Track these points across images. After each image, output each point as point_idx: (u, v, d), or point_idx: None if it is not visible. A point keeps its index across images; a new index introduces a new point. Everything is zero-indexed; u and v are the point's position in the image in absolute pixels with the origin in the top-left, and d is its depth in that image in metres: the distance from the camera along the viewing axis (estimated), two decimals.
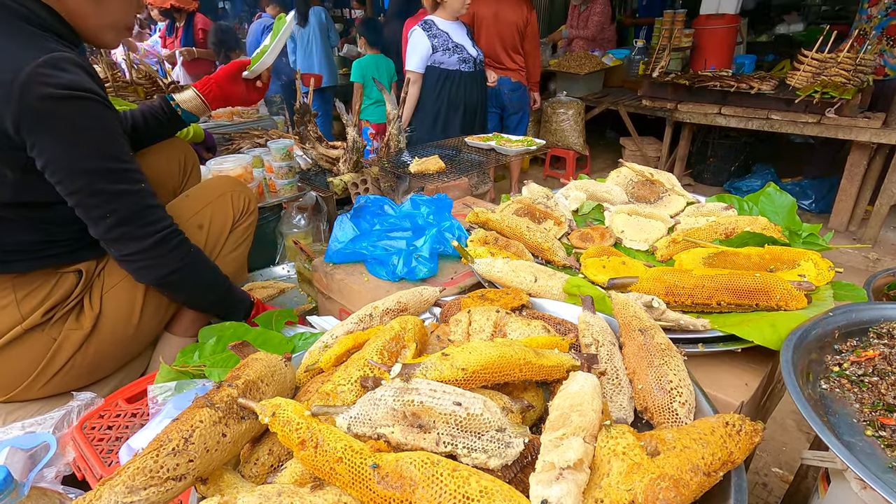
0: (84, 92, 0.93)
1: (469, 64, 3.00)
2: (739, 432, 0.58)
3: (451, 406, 0.58)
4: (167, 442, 0.58)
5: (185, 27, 4.39)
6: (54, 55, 0.90)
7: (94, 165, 0.97)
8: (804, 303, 0.98)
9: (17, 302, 1.06)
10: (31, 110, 0.88)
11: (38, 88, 0.87)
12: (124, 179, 1.01)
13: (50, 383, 1.13)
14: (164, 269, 1.11)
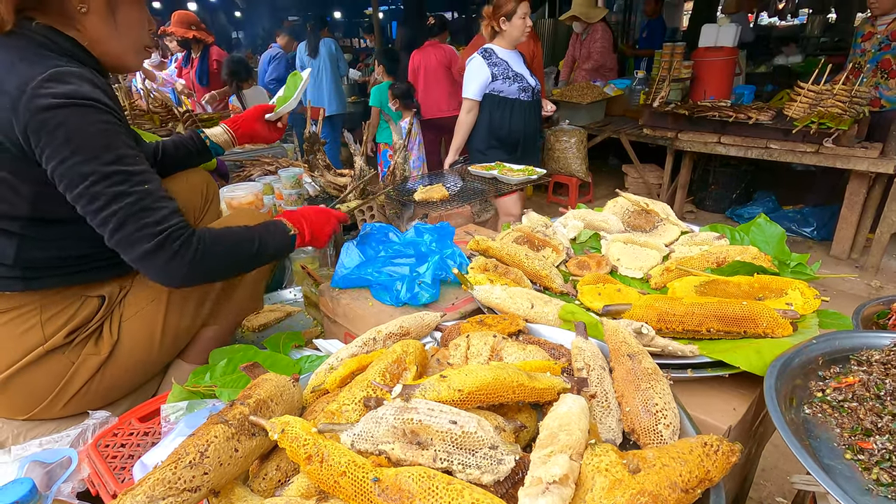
0: (83, 99, 0.96)
1: (528, 93, 2.96)
2: (717, 452, 0.62)
3: (447, 424, 0.63)
4: (185, 455, 0.63)
5: (200, 58, 4.57)
6: (59, 69, 0.95)
7: (91, 169, 0.97)
8: (790, 330, 1.02)
9: (41, 324, 1.12)
10: (34, 120, 0.93)
11: (39, 100, 0.92)
12: (123, 182, 1.00)
13: (68, 405, 1.18)
14: (177, 270, 1.05)
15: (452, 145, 3.08)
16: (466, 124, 2.99)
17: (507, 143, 3.00)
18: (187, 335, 1.35)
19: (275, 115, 1.59)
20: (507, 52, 2.92)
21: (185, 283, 1.11)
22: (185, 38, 4.38)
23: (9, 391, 1.12)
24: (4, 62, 0.96)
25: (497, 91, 2.91)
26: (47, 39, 1.01)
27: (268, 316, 1.93)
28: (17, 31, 0.99)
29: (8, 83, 0.93)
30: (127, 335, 1.22)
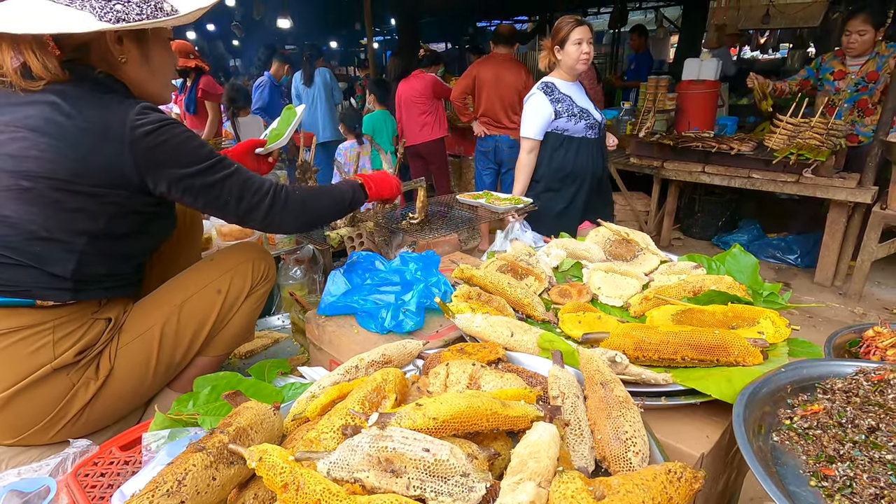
0: (167, 121, 1.14)
1: (595, 130, 2.64)
2: (680, 479, 0.64)
3: (420, 452, 0.65)
4: (162, 483, 0.64)
5: (191, 85, 4.66)
6: (139, 105, 1.13)
7: (200, 167, 1.17)
8: (760, 359, 1.05)
9: (53, 343, 1.15)
10: (141, 146, 1.10)
11: (141, 129, 1.09)
12: (222, 167, 1.21)
13: (62, 430, 1.19)
14: (293, 215, 1.32)
15: (515, 188, 2.74)
16: (528, 166, 2.68)
17: (571, 184, 2.68)
18: (180, 365, 1.37)
19: (265, 150, 1.67)
20: (569, 85, 2.61)
21: (301, 227, 1.43)
22: (187, 67, 4.47)
23: (8, 410, 1.13)
24: (98, 103, 1.10)
25: (561, 129, 2.60)
26: (110, 84, 1.16)
27: (255, 343, 1.94)
28: (89, 78, 1.13)
29: (112, 120, 1.09)
30: (123, 361, 1.24)
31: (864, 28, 3.44)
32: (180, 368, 1.36)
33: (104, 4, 1.07)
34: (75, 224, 1.12)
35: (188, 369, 1.39)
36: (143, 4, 1.11)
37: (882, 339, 1.31)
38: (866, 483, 0.73)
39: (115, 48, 1.15)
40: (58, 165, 1.07)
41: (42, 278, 1.13)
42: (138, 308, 1.32)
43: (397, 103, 4.67)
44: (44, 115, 1.07)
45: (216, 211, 1.26)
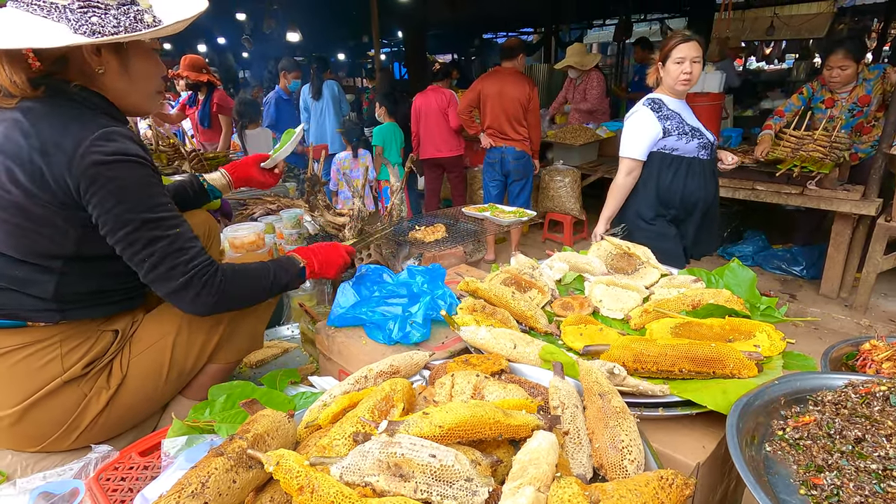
0: (128, 156, 1.10)
1: (708, 150, 2.35)
2: (671, 485, 0.68)
3: (427, 458, 0.69)
4: (187, 485, 0.69)
5: (204, 101, 4.77)
6: (106, 129, 1.09)
7: (133, 217, 1.11)
8: (755, 371, 1.09)
9: (61, 356, 1.19)
10: (86, 174, 1.05)
11: (92, 156, 1.05)
12: (158, 227, 1.14)
13: (79, 437, 1.23)
14: (205, 302, 1.21)
15: (604, 212, 2.50)
16: (624, 188, 2.41)
17: (680, 210, 2.38)
18: (192, 372, 1.42)
19: (270, 162, 1.75)
20: (677, 103, 2.37)
21: (211, 312, 1.26)
22: (198, 82, 4.59)
23: (25, 422, 1.18)
24: (58, 123, 1.07)
25: (669, 149, 2.32)
26: (86, 99, 1.14)
27: (265, 352, 1.99)
28: (62, 92, 1.11)
29: (65, 142, 1.05)
30: (135, 371, 1.28)
31: (845, 63, 3.54)
32: (192, 375, 1.41)
33: (80, 16, 1.04)
34: (44, 247, 1.12)
35: (200, 376, 1.43)
36: (121, 16, 1.08)
37: (878, 352, 1.34)
38: (852, 491, 0.76)
39: (91, 59, 1.12)
40: (12, 185, 1.06)
41: (25, 301, 1.15)
42: (150, 318, 1.36)
43: (414, 116, 4.78)
44: (6, 132, 1.07)
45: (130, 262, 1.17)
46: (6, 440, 1.22)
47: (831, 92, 3.75)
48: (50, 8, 1.04)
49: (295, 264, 1.44)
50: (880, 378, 0.94)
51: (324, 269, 1.50)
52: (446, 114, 4.64)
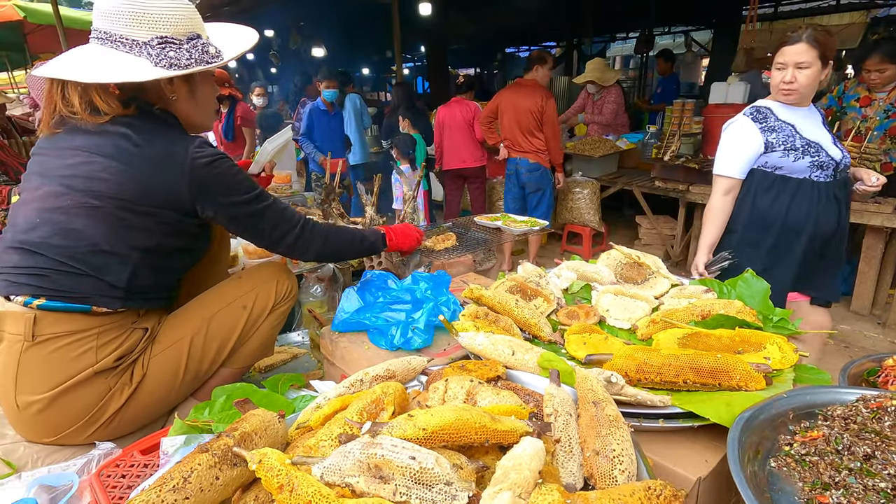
0: (220, 156, 1.30)
1: (828, 171, 1.92)
2: (659, 496, 0.65)
3: (407, 460, 0.68)
4: (169, 480, 0.69)
5: (227, 113, 4.91)
6: (198, 139, 1.30)
7: (244, 198, 1.34)
8: (762, 384, 1.04)
9: (96, 348, 1.25)
10: (198, 177, 1.25)
11: (198, 161, 1.25)
12: (262, 199, 1.38)
13: (94, 433, 1.28)
14: (315, 246, 1.49)
15: (703, 240, 2.09)
16: (722, 212, 2.03)
17: (779, 239, 1.98)
18: (206, 375, 1.46)
19: (255, 167, 1.93)
20: (794, 111, 1.95)
21: (319, 257, 1.62)
22: (221, 96, 4.73)
23: (52, 409, 1.23)
24: (164, 136, 1.26)
25: (771, 167, 1.96)
26: (165, 118, 1.31)
27: (274, 357, 2.01)
28: (150, 113, 1.28)
29: (175, 150, 1.24)
30: (155, 369, 1.33)
31: (882, 66, 3.42)
32: (205, 378, 1.44)
33: (159, 52, 1.21)
34: (133, 240, 1.26)
35: (212, 380, 1.46)
36: (192, 50, 1.25)
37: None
38: None
39: (166, 88, 1.30)
40: (125, 188, 1.21)
41: (100, 286, 1.24)
42: (171, 319, 1.42)
43: (437, 128, 4.85)
44: (116, 143, 1.22)
45: (251, 236, 1.42)
46: (30, 428, 1.27)
47: (869, 90, 3.62)
48: (132, 45, 1.21)
49: (378, 233, 1.73)
50: (893, 392, 0.88)
51: (401, 241, 1.79)
52: (471, 125, 4.68)
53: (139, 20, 1.21)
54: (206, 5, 7.22)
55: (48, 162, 1.26)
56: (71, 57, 1.24)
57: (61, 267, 1.22)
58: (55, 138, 1.28)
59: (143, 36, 1.22)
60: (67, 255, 1.21)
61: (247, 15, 8.40)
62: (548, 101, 3.95)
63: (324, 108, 5.13)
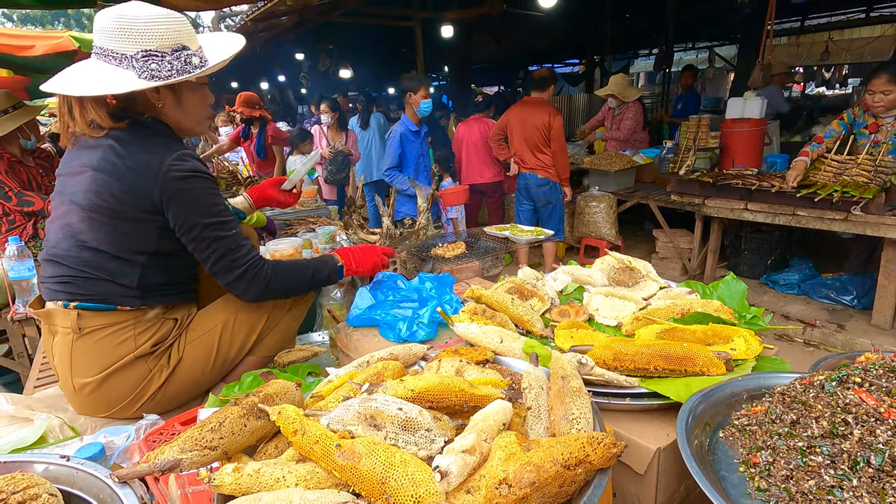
0: (197, 173, 1.38)
1: None
2: (600, 443, 0.79)
3: (395, 410, 0.84)
4: (208, 423, 0.87)
5: (259, 133, 5.24)
6: (179, 152, 1.37)
7: (202, 220, 1.39)
8: (723, 370, 1.16)
9: (134, 336, 1.45)
10: (167, 187, 1.33)
11: (172, 173, 1.33)
12: (221, 229, 1.42)
13: (141, 407, 1.48)
14: (255, 289, 1.49)
15: None
16: None
17: None
18: (234, 362, 1.65)
19: (288, 184, 2.01)
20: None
21: (258, 299, 1.56)
22: (252, 117, 5.06)
23: (102, 389, 1.44)
24: (144, 147, 1.36)
25: None
26: (157, 127, 1.42)
27: (296, 354, 2.19)
28: (140, 123, 1.40)
29: (152, 161, 1.33)
30: (189, 354, 1.53)
31: (888, 88, 3.43)
32: (233, 365, 1.63)
33: (143, 64, 1.29)
34: (133, 244, 1.39)
35: (239, 367, 1.66)
36: (174, 62, 1.32)
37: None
38: (781, 466, 0.84)
39: (153, 97, 1.39)
40: (112, 197, 1.32)
41: (117, 289, 1.41)
42: (204, 312, 1.62)
43: (456, 144, 5.08)
44: (104, 156, 1.34)
45: (198, 257, 1.46)
46: (85, 405, 1.48)
47: (874, 117, 3.66)
48: (120, 58, 1.30)
49: (334, 262, 1.71)
50: (822, 372, 1.00)
51: (360, 266, 1.75)
52: (489, 142, 4.88)
53: (126, 35, 1.29)
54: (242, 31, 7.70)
55: (64, 181, 1.42)
56: (70, 72, 1.35)
57: (82, 274, 1.39)
58: (69, 156, 1.42)
59: (129, 49, 1.29)
60: (85, 264, 1.38)
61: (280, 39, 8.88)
62: (555, 118, 4.11)
63: (414, 127, 4.08)
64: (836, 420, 0.84)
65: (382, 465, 0.75)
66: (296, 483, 0.79)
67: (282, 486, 0.78)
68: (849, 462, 0.78)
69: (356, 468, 0.77)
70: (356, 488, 0.77)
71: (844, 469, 0.78)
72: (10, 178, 3.00)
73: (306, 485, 0.79)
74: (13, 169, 3.05)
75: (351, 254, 1.75)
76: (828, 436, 0.83)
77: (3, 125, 2.96)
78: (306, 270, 1.64)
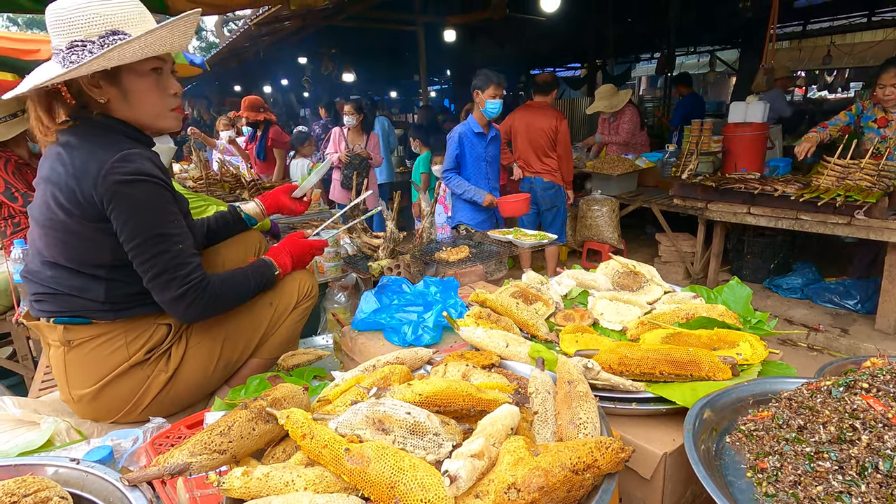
0: (143, 175, 1.25)
1: None
2: (608, 448, 0.79)
3: (403, 415, 0.85)
4: (217, 427, 0.88)
5: (261, 135, 5.28)
6: (125, 152, 1.25)
7: (143, 231, 1.26)
8: (728, 374, 1.16)
9: (126, 345, 1.42)
10: (108, 191, 1.22)
11: (112, 176, 1.22)
12: (163, 243, 1.29)
13: (144, 411, 1.48)
14: (192, 314, 1.38)
15: None
16: None
17: None
18: (237, 364, 1.65)
19: (299, 191, 1.99)
20: None
21: (195, 321, 1.47)
22: (257, 120, 5.10)
23: (101, 398, 1.44)
24: (87, 151, 1.26)
25: None
26: (109, 126, 1.32)
27: (300, 357, 2.19)
28: (90, 124, 1.31)
29: (91, 165, 1.24)
30: (191, 358, 1.52)
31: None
32: (237, 367, 1.64)
33: (67, 55, 1.20)
34: (88, 258, 1.31)
35: (242, 369, 1.66)
36: (95, 49, 1.19)
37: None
38: (789, 472, 0.84)
39: (93, 92, 1.26)
40: (57, 208, 1.25)
41: (87, 304, 1.36)
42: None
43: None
44: (52, 165, 1.28)
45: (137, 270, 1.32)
46: (87, 413, 1.49)
47: (884, 111, 3.65)
48: (58, 52, 1.23)
49: (266, 268, 1.61)
50: (829, 377, 1.00)
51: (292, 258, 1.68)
52: None
53: (59, 27, 1.21)
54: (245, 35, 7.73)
55: (35, 196, 1.35)
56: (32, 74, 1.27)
57: (51, 291, 1.35)
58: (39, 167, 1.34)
59: (62, 42, 1.21)
60: (51, 280, 1.34)
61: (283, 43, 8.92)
62: (561, 122, 4.13)
63: (479, 129, 3.58)
64: (844, 426, 0.84)
65: (392, 469, 0.76)
66: (305, 487, 0.79)
67: (291, 489, 0.79)
68: (857, 468, 0.78)
69: (365, 472, 0.77)
70: (365, 492, 0.78)
71: (853, 475, 0.78)
72: (18, 179, 3.02)
73: (315, 489, 0.79)
74: (20, 171, 3.07)
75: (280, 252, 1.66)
76: (836, 441, 0.83)
77: (12, 128, 2.98)
78: (243, 284, 1.52)
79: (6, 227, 3.12)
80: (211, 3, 3.50)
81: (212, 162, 5.28)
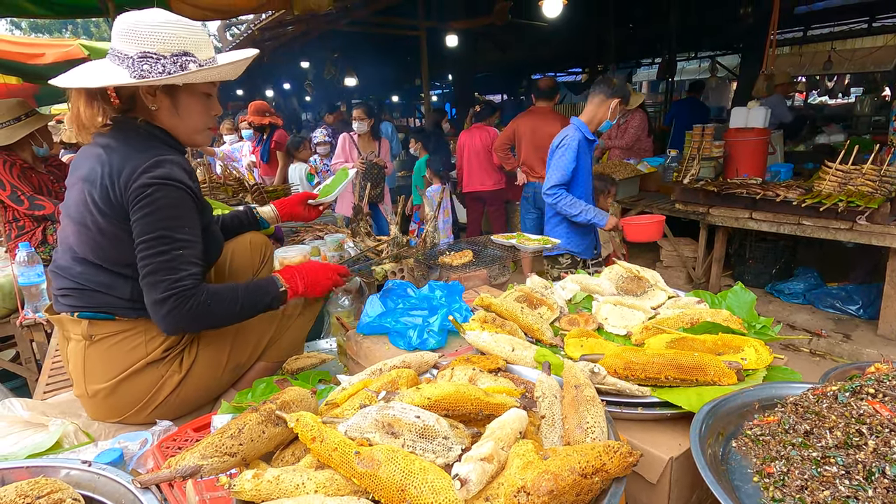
0: (170, 180, 1.30)
1: None
2: (616, 452, 0.80)
3: (413, 418, 0.85)
4: (227, 430, 0.88)
5: (266, 138, 5.33)
6: (158, 158, 1.31)
7: (148, 230, 1.29)
8: (734, 379, 1.17)
9: (145, 342, 1.45)
10: (133, 192, 1.28)
11: (141, 178, 1.28)
12: (164, 244, 1.30)
13: (153, 412, 1.49)
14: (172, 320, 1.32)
15: None
16: None
17: None
18: (245, 366, 1.67)
19: (316, 201, 1.99)
20: None
21: (176, 333, 1.43)
22: (262, 124, 5.13)
23: (116, 394, 1.45)
24: (124, 154, 1.32)
25: None
26: (149, 132, 1.40)
27: (304, 361, 2.19)
28: (131, 128, 1.38)
29: (126, 168, 1.30)
30: (202, 359, 1.53)
31: None
32: (244, 370, 1.65)
33: (137, 64, 1.28)
34: (117, 256, 1.35)
35: (250, 372, 1.67)
36: (168, 65, 1.29)
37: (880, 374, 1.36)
38: (796, 476, 0.85)
39: (147, 99, 1.36)
40: (93, 207, 1.31)
41: (112, 301, 1.40)
42: None
43: (458, 152, 5.13)
44: (92, 165, 1.33)
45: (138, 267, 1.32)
46: (99, 410, 1.50)
47: None
48: (123, 57, 1.30)
49: (276, 288, 1.52)
50: (834, 382, 1.01)
51: (310, 289, 1.59)
52: (490, 150, 4.90)
53: (131, 36, 1.30)
54: (248, 40, 7.78)
55: (67, 193, 1.41)
56: (80, 68, 1.35)
57: (80, 286, 1.40)
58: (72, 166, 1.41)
59: (131, 50, 1.29)
60: (80, 276, 1.39)
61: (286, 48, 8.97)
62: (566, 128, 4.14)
63: (591, 136, 3.03)
64: (851, 430, 0.85)
65: (402, 472, 0.76)
66: (315, 490, 0.80)
67: (301, 492, 0.79)
68: (864, 472, 0.79)
69: (376, 476, 0.78)
70: (375, 496, 0.78)
71: (859, 479, 0.78)
72: (23, 182, 3.03)
73: (326, 492, 0.80)
74: (25, 174, 3.08)
75: (299, 276, 1.57)
76: (842, 446, 0.84)
77: (16, 132, 3.00)
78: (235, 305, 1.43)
79: (11, 231, 3.13)
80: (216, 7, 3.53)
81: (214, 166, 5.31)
